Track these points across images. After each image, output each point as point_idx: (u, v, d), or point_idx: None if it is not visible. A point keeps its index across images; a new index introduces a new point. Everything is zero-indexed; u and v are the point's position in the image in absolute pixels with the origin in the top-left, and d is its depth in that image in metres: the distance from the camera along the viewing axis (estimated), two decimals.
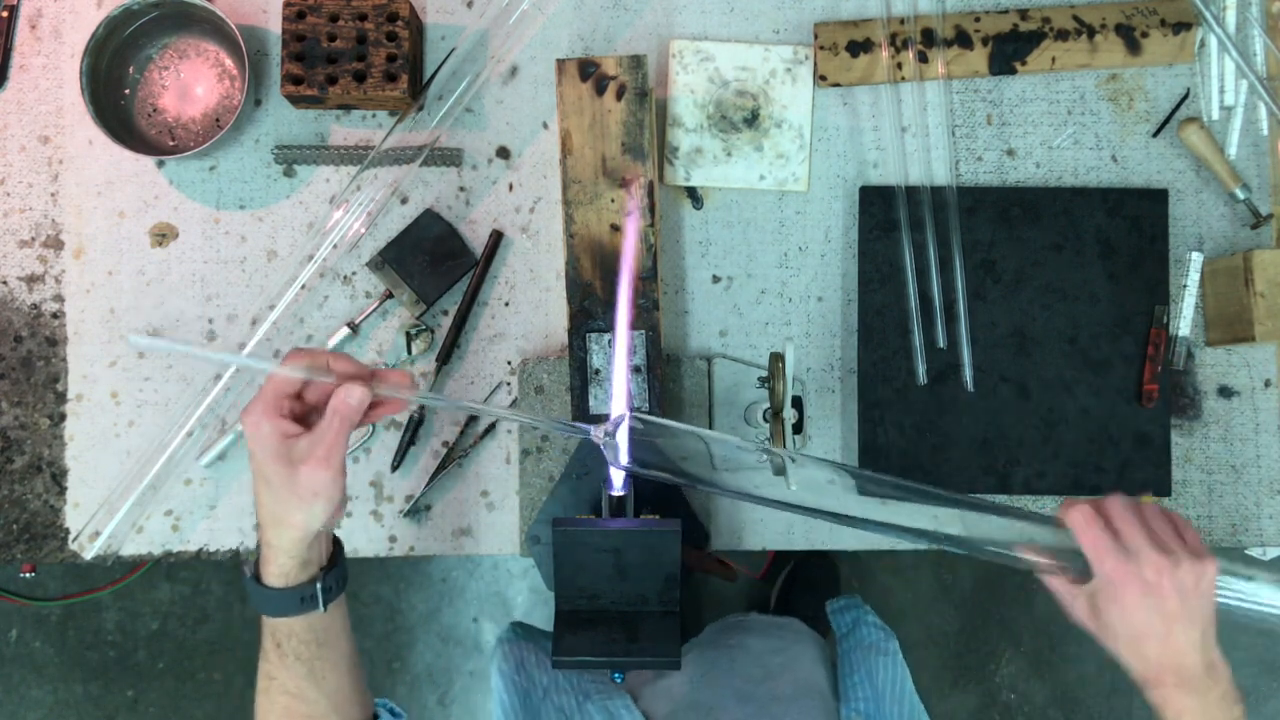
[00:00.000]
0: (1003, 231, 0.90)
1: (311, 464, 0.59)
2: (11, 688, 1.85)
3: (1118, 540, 0.63)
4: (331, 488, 0.60)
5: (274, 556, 0.62)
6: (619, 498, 0.76)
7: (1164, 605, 0.61)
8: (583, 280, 0.85)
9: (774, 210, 0.92)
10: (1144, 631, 0.62)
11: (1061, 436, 0.89)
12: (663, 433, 0.70)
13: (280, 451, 0.59)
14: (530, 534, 0.87)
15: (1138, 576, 0.61)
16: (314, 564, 0.64)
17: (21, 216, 0.92)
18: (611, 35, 0.93)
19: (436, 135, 0.89)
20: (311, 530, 0.61)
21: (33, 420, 0.91)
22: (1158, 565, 0.61)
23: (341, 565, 0.67)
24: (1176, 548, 0.62)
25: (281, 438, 0.59)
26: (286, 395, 0.60)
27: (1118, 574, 0.62)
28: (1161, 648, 0.62)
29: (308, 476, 0.59)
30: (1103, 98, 0.92)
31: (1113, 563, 0.62)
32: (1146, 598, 0.61)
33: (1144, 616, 0.61)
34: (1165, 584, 0.61)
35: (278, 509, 0.61)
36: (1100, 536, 0.63)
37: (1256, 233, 0.91)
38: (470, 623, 1.86)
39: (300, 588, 0.63)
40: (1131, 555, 0.62)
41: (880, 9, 0.90)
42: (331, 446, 0.59)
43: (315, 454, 0.59)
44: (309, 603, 0.63)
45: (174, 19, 0.91)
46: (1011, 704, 1.86)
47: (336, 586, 0.65)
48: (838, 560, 1.85)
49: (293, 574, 0.63)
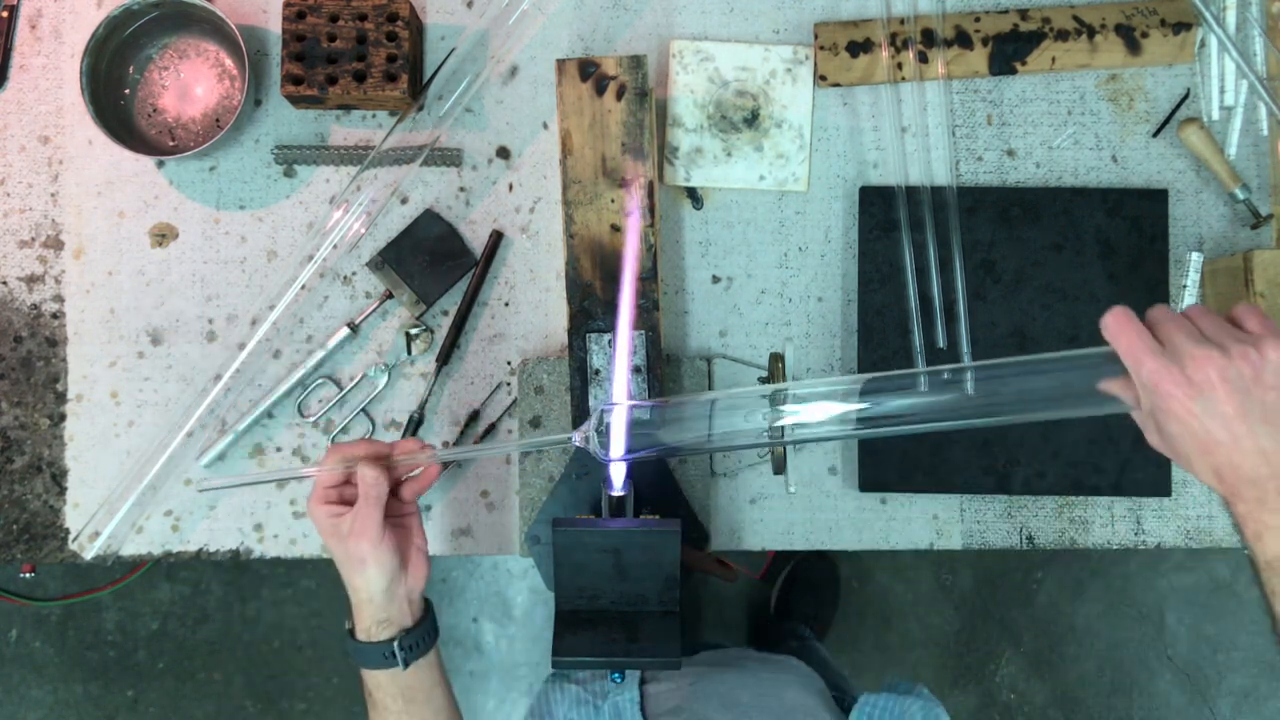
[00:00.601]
0: (1003, 231, 0.90)
1: (353, 537, 0.69)
2: (11, 688, 1.85)
3: (1158, 343, 0.55)
4: (376, 554, 0.69)
5: (356, 614, 0.72)
6: (619, 498, 0.76)
7: (1220, 406, 0.53)
8: (583, 280, 0.85)
9: (774, 210, 0.92)
10: (1206, 441, 0.54)
11: (1061, 436, 0.89)
12: (659, 417, 0.72)
13: (330, 529, 0.70)
14: (530, 534, 0.87)
15: (1181, 377, 0.53)
16: (394, 624, 0.72)
17: (21, 216, 0.92)
18: (611, 35, 0.93)
19: (436, 135, 0.89)
20: (375, 591, 0.70)
21: (33, 420, 0.91)
22: (1202, 358, 0.53)
23: (424, 629, 0.74)
24: (1228, 338, 0.54)
25: (331, 519, 0.70)
26: (332, 485, 0.72)
27: (1158, 377, 0.54)
28: (1232, 455, 0.53)
29: (353, 547, 0.70)
30: (1103, 98, 0.92)
31: (1151, 364, 0.54)
32: (1197, 401, 0.53)
33: (1200, 424, 0.53)
34: (1214, 378, 0.53)
35: (345, 575, 0.72)
36: (1137, 338, 0.55)
37: (1256, 233, 0.91)
38: (470, 623, 1.86)
39: (381, 645, 0.71)
40: (1174, 355, 0.54)
41: (880, 9, 0.90)
42: (365, 521, 0.69)
43: (354, 529, 0.69)
44: (390, 660, 0.71)
45: (174, 19, 0.91)
46: (1011, 704, 1.86)
47: (418, 647, 0.73)
48: (838, 560, 1.85)
49: (373, 630, 0.71)
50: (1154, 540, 0.91)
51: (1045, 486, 0.89)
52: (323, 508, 0.71)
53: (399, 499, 0.74)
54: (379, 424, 0.91)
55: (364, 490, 0.70)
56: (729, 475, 0.91)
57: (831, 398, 0.68)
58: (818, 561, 1.82)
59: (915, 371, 0.71)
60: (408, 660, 0.72)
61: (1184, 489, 0.91)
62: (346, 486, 0.72)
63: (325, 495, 0.72)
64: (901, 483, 0.89)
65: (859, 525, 0.91)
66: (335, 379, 0.91)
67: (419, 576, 0.74)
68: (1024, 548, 0.91)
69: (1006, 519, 0.91)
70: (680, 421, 0.72)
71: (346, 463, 0.71)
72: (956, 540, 0.91)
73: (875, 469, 0.89)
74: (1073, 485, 0.89)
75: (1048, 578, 1.86)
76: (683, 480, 0.88)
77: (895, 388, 0.66)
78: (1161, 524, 0.91)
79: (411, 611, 0.73)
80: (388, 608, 0.71)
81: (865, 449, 0.89)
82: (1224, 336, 0.54)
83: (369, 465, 0.70)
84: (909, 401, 0.66)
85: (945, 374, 0.66)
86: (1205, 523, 0.91)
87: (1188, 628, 1.86)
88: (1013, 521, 0.91)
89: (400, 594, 0.72)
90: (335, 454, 0.72)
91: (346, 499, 0.72)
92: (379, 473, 0.70)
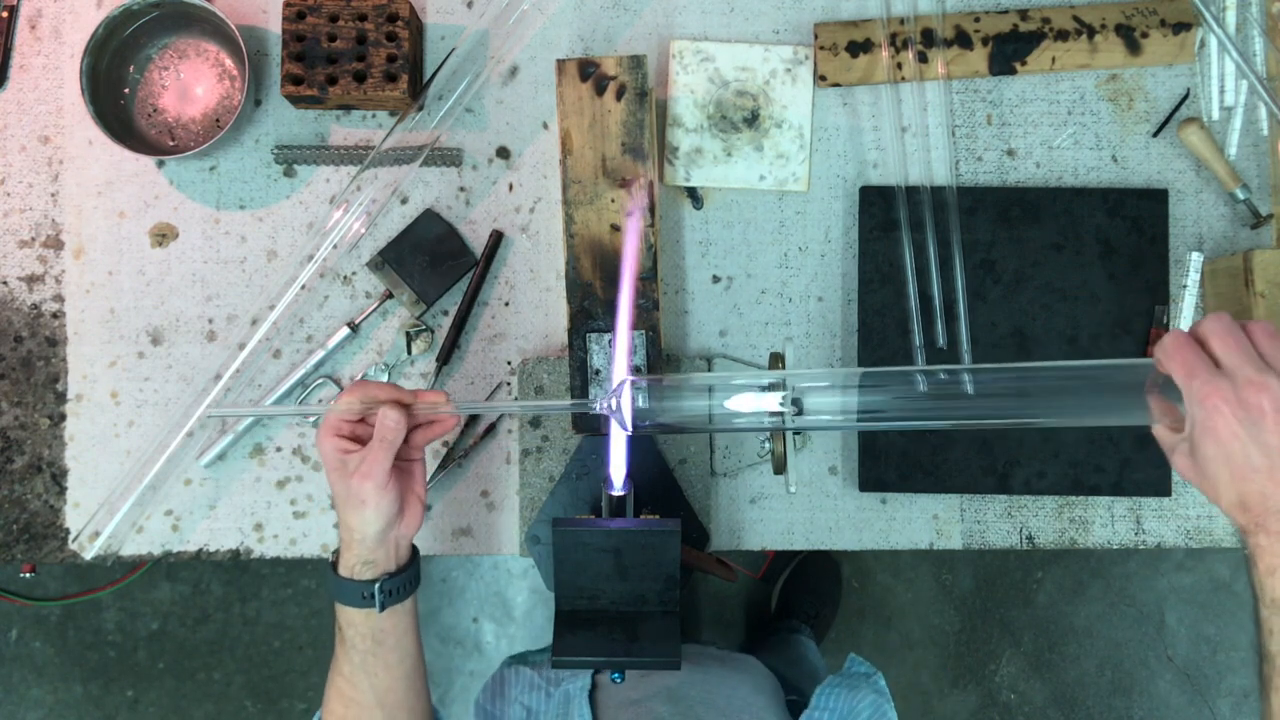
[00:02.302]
0: (1003, 231, 0.90)
1: (358, 476, 0.68)
2: (11, 688, 1.85)
3: (1217, 366, 0.54)
4: (377, 497, 0.68)
5: (344, 550, 0.72)
6: (619, 498, 0.76)
7: (1266, 435, 0.52)
8: (583, 280, 0.85)
9: (774, 210, 0.92)
10: (1243, 466, 0.53)
11: (1061, 436, 0.89)
12: (665, 393, 0.73)
13: (336, 464, 0.70)
14: (530, 534, 0.87)
15: (1232, 397, 0.53)
16: (378, 566, 0.71)
17: (21, 216, 0.92)
18: (611, 35, 0.93)
19: (436, 135, 0.89)
20: (368, 533, 0.70)
21: (33, 420, 0.91)
22: (1258, 384, 0.52)
23: (406, 576, 0.73)
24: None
25: (339, 453, 0.69)
26: (347, 421, 0.70)
27: (1207, 395, 0.53)
28: (1267, 485, 0.53)
29: (356, 487, 0.68)
30: (1103, 98, 0.92)
31: (1202, 382, 0.54)
32: (1243, 424, 0.53)
33: (1241, 447, 0.53)
34: (1266, 406, 0.52)
35: (341, 512, 0.71)
36: (1191, 356, 0.55)
37: (1256, 233, 0.91)
38: (470, 623, 1.86)
39: (362, 584, 0.70)
40: (1226, 374, 0.53)
41: (880, 9, 0.90)
42: (373, 463, 0.68)
43: (361, 469, 0.68)
44: (368, 600, 0.71)
45: (174, 19, 0.91)
46: (1011, 704, 1.86)
47: (397, 593, 0.72)
48: (839, 560, 1.85)
49: (357, 570, 0.71)
50: (1154, 540, 0.91)
51: (1045, 486, 0.89)
52: (333, 440, 0.70)
53: (408, 443, 0.72)
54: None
55: (381, 433, 0.69)
56: (729, 475, 0.91)
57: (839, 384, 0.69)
58: (821, 560, 1.83)
59: (937, 368, 0.71)
60: (385, 604, 0.71)
61: (1184, 489, 0.91)
62: (361, 425, 0.71)
63: (338, 428, 0.70)
64: (901, 483, 0.89)
65: (859, 525, 0.91)
66: (335, 379, 0.91)
67: (412, 524, 0.73)
68: (1024, 548, 0.91)
69: (1006, 519, 0.91)
70: (691, 399, 0.72)
71: (367, 402, 0.70)
72: (956, 540, 0.91)
73: (875, 469, 0.89)
74: (1073, 485, 0.89)
75: (1048, 578, 1.86)
76: (683, 480, 0.88)
77: (900, 383, 0.69)
78: (1161, 524, 0.91)
79: (397, 557, 0.73)
80: (375, 550, 0.71)
81: (865, 449, 0.89)
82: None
83: (393, 408, 0.69)
84: (924, 403, 0.68)
85: (942, 374, 0.68)
86: (1205, 523, 0.91)
87: (1188, 628, 1.86)
88: (1013, 521, 0.91)
89: (391, 539, 0.71)
90: (359, 390, 0.70)
91: (359, 436, 0.71)
92: (401, 416, 0.69)
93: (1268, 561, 0.54)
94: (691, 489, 0.88)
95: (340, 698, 0.74)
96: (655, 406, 0.72)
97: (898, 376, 0.70)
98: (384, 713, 0.74)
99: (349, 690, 0.73)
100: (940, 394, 0.69)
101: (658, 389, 0.73)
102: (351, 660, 0.72)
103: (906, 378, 0.71)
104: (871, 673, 0.94)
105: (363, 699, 0.73)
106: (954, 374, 0.71)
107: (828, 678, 0.92)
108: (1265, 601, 0.55)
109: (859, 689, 0.90)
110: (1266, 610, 0.55)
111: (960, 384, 0.79)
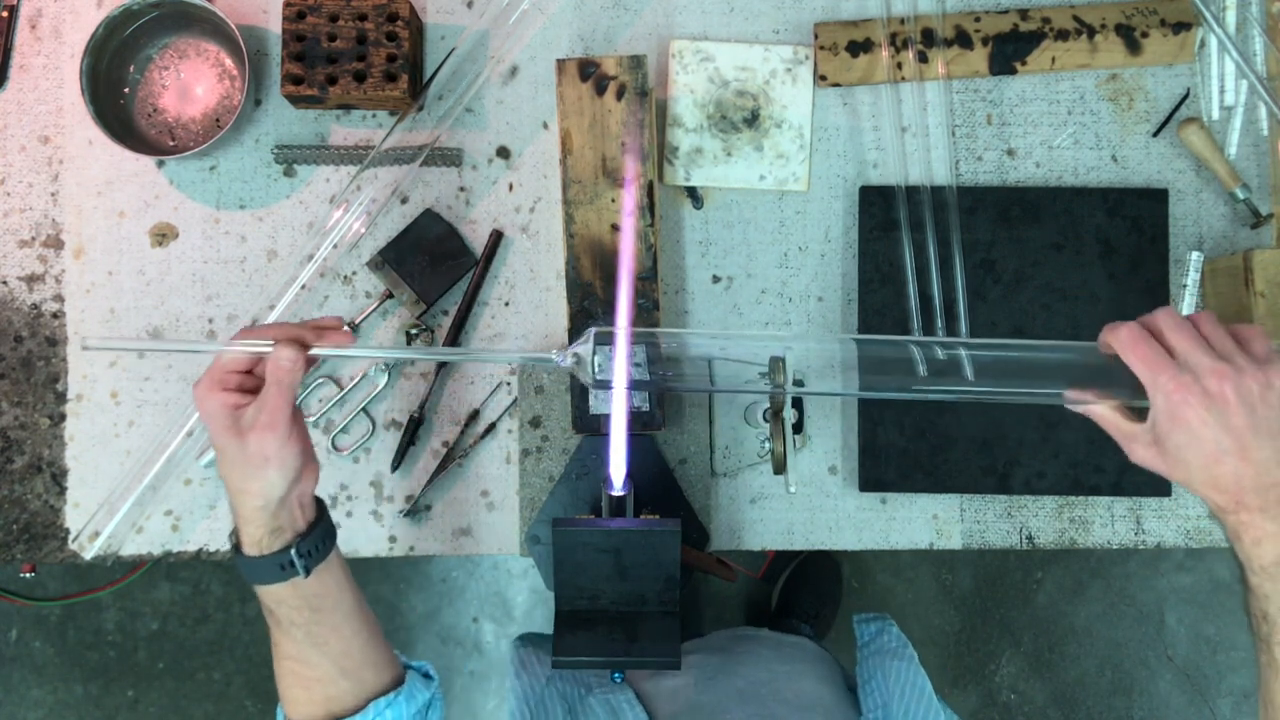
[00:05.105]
0: (1003, 231, 0.90)
1: (258, 430, 0.61)
2: (11, 688, 1.85)
3: (1171, 356, 0.57)
4: (281, 452, 0.61)
5: (244, 526, 0.64)
6: (619, 498, 0.76)
7: (1231, 419, 0.56)
8: (583, 280, 0.85)
9: (774, 210, 0.92)
10: (1215, 451, 0.56)
11: (1061, 436, 0.89)
12: (650, 346, 0.70)
13: (228, 422, 0.61)
14: (530, 534, 0.87)
15: (1198, 388, 0.56)
16: (287, 531, 0.65)
17: (21, 216, 0.92)
18: (611, 35, 0.93)
19: (436, 135, 0.89)
20: (272, 497, 0.63)
21: (33, 420, 0.91)
22: (1219, 373, 0.56)
23: (320, 531, 0.67)
24: (1237, 355, 0.57)
25: (229, 409, 0.62)
26: (234, 371, 0.63)
27: (1175, 389, 0.56)
28: (1239, 465, 0.56)
29: (256, 443, 0.61)
30: (1103, 98, 0.92)
31: (1168, 376, 0.57)
32: (1211, 412, 0.56)
33: (1212, 433, 0.56)
34: (1229, 393, 0.56)
35: (236, 479, 0.63)
36: (1151, 352, 0.58)
37: (1256, 233, 0.91)
38: (470, 623, 1.86)
39: (276, 555, 0.64)
40: (1189, 367, 0.57)
41: (880, 9, 0.90)
42: (274, 411, 0.61)
43: (260, 421, 0.61)
44: (290, 570, 0.64)
45: (174, 19, 0.91)
46: (1011, 704, 1.86)
47: (317, 552, 0.66)
48: (839, 560, 1.85)
49: (265, 542, 0.64)
50: (1154, 540, 0.91)
51: (1045, 486, 0.89)
52: (220, 395, 0.62)
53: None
54: (379, 424, 0.91)
55: (276, 375, 0.61)
56: (729, 475, 0.91)
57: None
58: (822, 559, 1.83)
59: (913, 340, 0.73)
60: (309, 567, 0.65)
61: (1184, 489, 0.91)
62: (248, 376, 0.64)
63: (225, 380, 0.63)
64: (901, 483, 0.89)
65: (859, 525, 0.91)
66: (335, 379, 0.91)
67: (311, 477, 0.67)
68: (1024, 548, 0.91)
69: (1006, 519, 0.91)
70: (681, 361, 0.70)
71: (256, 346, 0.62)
72: (956, 540, 0.91)
73: (875, 469, 0.89)
74: (1073, 485, 0.89)
75: (1048, 578, 1.86)
76: (683, 480, 0.88)
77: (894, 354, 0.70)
78: (1161, 524, 0.91)
79: (304, 515, 0.67)
80: (280, 514, 0.64)
81: (865, 449, 0.89)
82: (1232, 353, 0.57)
83: (287, 346, 0.62)
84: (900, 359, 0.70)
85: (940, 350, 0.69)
86: (1205, 523, 0.91)
87: (1188, 628, 1.86)
88: (1013, 521, 0.91)
89: (293, 498, 0.65)
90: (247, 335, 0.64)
91: (247, 388, 0.64)
92: (297, 354, 0.62)
93: (1253, 534, 0.58)
94: (691, 489, 0.88)
95: (297, 681, 0.69)
96: (648, 366, 0.69)
97: (890, 344, 0.71)
98: (349, 679, 0.69)
99: (304, 670, 0.68)
100: (937, 370, 0.70)
101: (651, 348, 0.69)
102: (294, 638, 0.67)
103: (901, 348, 0.72)
104: (880, 631, 0.92)
105: (321, 673, 0.68)
106: (949, 346, 0.73)
107: (858, 664, 0.90)
108: (1254, 570, 0.59)
109: (884, 662, 0.89)
110: (1257, 578, 0.59)
111: (955, 357, 0.79)
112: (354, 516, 0.91)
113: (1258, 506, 0.57)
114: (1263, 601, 0.59)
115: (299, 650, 0.67)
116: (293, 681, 0.69)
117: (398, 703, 0.71)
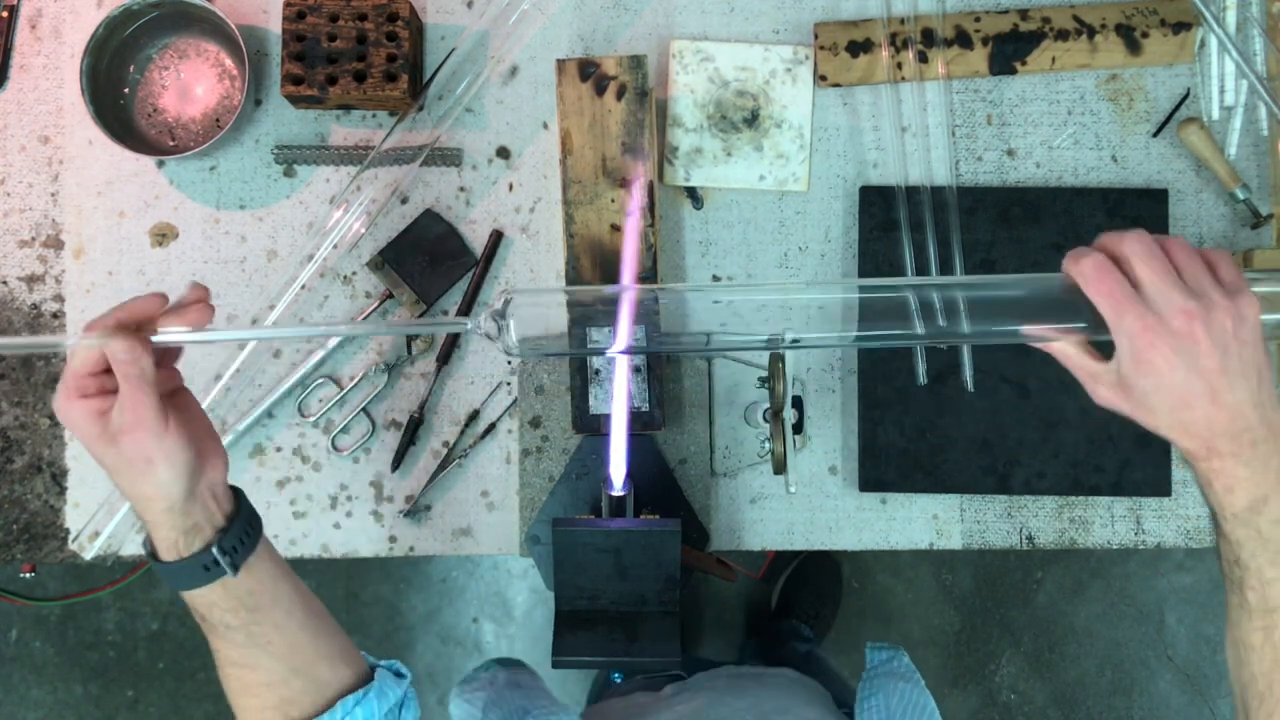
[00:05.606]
0: (1003, 231, 0.90)
1: (128, 432, 0.55)
2: (11, 688, 1.85)
3: (1137, 289, 0.53)
4: (163, 448, 0.56)
5: (154, 531, 0.59)
6: (619, 498, 0.76)
7: (1201, 361, 0.51)
8: (583, 280, 0.85)
9: (774, 210, 0.92)
10: (1185, 395, 0.52)
11: (1061, 436, 0.89)
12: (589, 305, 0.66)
13: (97, 431, 0.56)
14: (530, 534, 0.87)
15: (1165, 330, 0.52)
16: (205, 527, 0.59)
17: (21, 216, 0.92)
18: (611, 35, 0.93)
19: (436, 135, 0.89)
20: (174, 496, 0.57)
21: (33, 420, 0.91)
22: (1187, 311, 0.51)
23: (241, 522, 0.61)
24: (1209, 288, 0.52)
25: (93, 416, 0.56)
26: (91, 374, 0.56)
27: (1140, 330, 0.52)
28: (1210, 410, 0.52)
29: (131, 446, 0.56)
30: (1103, 98, 0.92)
31: (1134, 317, 0.52)
32: (1179, 354, 0.52)
33: (1181, 377, 0.52)
34: (1198, 333, 0.51)
35: (127, 486, 0.58)
36: (1117, 287, 0.53)
37: (1256, 233, 0.91)
38: (470, 623, 1.86)
39: (197, 557, 0.59)
40: (1155, 304, 0.52)
41: (880, 9, 0.90)
42: (137, 408, 0.55)
43: (126, 422, 0.55)
44: (216, 570, 0.59)
45: (174, 19, 0.91)
46: (1011, 704, 1.86)
47: (243, 545, 0.60)
48: (839, 560, 1.85)
49: (181, 544, 0.59)
50: (1154, 540, 0.91)
51: (1045, 486, 0.89)
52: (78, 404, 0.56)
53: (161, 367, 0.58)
54: (379, 424, 0.91)
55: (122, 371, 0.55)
56: (729, 475, 0.91)
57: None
58: (822, 559, 1.83)
59: (906, 281, 0.69)
60: (236, 564, 0.59)
61: (1184, 489, 0.91)
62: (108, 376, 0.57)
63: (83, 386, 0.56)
64: (901, 483, 0.89)
65: (859, 525, 0.91)
66: (335, 379, 0.91)
67: (218, 464, 0.61)
68: (1024, 548, 0.91)
69: (1006, 519, 0.91)
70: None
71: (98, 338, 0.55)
72: (956, 540, 0.91)
73: (875, 469, 0.89)
74: (1073, 485, 0.89)
75: (1048, 578, 1.86)
76: (683, 480, 0.88)
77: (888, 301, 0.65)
78: (1161, 524, 0.91)
79: (220, 507, 0.60)
80: (191, 512, 0.58)
81: (865, 449, 0.89)
82: (1204, 285, 0.53)
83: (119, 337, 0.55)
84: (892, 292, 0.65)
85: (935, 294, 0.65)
86: (1205, 523, 0.91)
87: (1188, 628, 1.86)
88: (1013, 521, 0.91)
89: (202, 491, 0.59)
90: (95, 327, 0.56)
91: (109, 389, 0.57)
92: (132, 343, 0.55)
93: (1224, 481, 0.54)
94: (691, 489, 0.88)
95: (246, 690, 0.63)
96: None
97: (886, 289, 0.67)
98: (301, 677, 0.64)
99: (251, 675, 0.63)
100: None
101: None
102: (235, 642, 0.62)
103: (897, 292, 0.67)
104: (891, 657, 0.90)
105: (271, 676, 0.63)
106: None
107: (861, 683, 0.87)
108: (1227, 516, 0.55)
109: (888, 682, 0.86)
110: (1229, 524, 0.55)
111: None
112: (354, 516, 0.91)
113: (1230, 452, 0.53)
114: (1235, 548, 0.56)
115: (242, 655, 0.62)
116: (240, 690, 0.64)
117: (368, 700, 0.66)
